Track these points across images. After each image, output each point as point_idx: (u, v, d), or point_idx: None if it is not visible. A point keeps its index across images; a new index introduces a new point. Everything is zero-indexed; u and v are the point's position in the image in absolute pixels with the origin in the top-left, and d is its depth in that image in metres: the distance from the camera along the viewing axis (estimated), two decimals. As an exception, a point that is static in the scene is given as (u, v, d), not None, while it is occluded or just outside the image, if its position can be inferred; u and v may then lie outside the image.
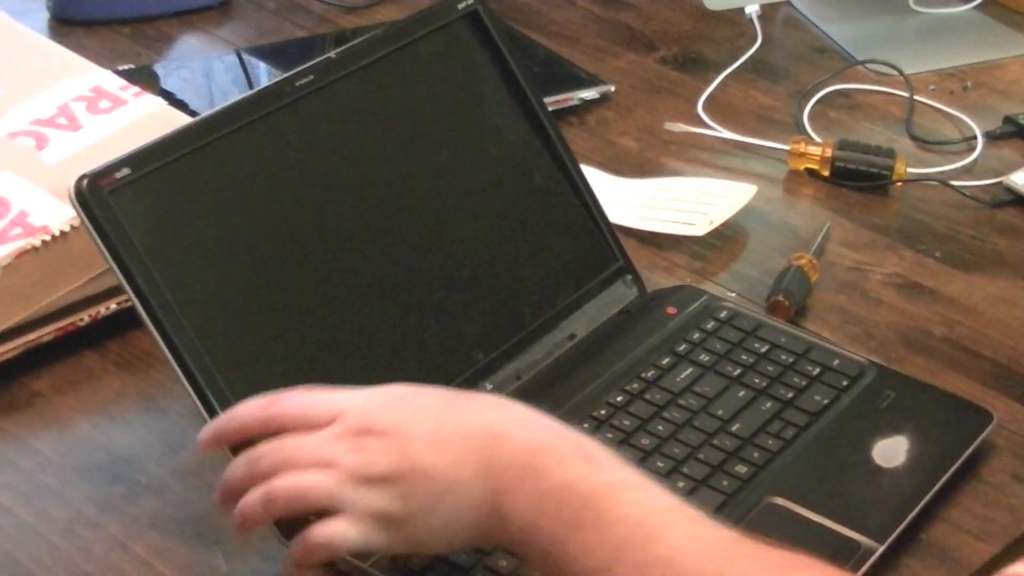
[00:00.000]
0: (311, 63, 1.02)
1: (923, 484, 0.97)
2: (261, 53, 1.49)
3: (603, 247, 1.13)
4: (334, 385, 0.87)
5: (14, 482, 0.99)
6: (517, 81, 1.11)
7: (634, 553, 0.73)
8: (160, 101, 1.20)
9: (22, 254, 1.05)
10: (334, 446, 0.80)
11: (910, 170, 1.33)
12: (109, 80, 1.22)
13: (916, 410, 1.03)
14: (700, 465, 0.98)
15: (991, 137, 1.40)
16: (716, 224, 1.23)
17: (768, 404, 1.03)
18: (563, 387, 1.04)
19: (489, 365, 1.03)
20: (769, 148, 1.36)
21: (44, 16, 1.54)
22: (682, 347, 1.07)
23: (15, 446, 1.02)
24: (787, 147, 1.35)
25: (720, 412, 1.02)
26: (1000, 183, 1.33)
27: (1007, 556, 0.93)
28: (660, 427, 1.00)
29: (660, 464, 0.97)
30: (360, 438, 0.80)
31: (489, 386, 1.03)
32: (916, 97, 1.45)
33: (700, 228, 1.22)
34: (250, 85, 1.43)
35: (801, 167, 1.34)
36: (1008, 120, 1.41)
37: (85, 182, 0.90)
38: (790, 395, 1.04)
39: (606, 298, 1.11)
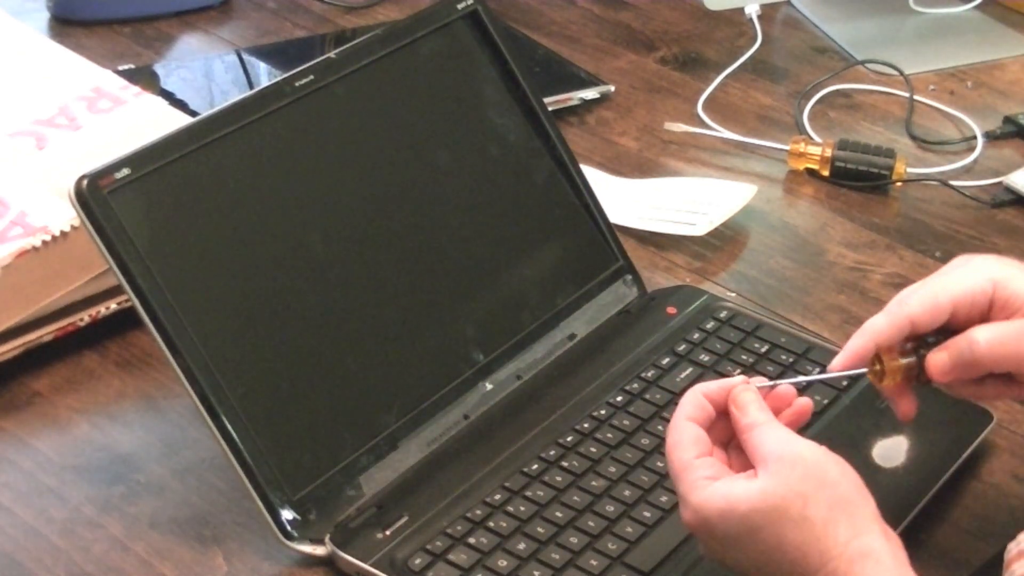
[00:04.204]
0: (311, 63, 1.02)
1: (923, 484, 0.97)
2: (261, 53, 1.49)
3: (603, 247, 1.13)
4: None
5: (14, 482, 0.99)
6: (517, 81, 1.11)
7: None
8: (160, 101, 1.20)
9: (22, 254, 1.05)
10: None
11: (910, 170, 1.33)
12: (109, 80, 1.22)
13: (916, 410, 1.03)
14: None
15: (991, 137, 1.40)
16: (716, 224, 1.23)
17: (768, 404, 1.03)
18: (563, 387, 1.04)
19: (489, 365, 1.03)
20: (769, 148, 1.36)
21: (44, 16, 1.54)
22: (682, 347, 1.07)
23: (15, 446, 1.02)
24: (787, 147, 1.35)
25: (720, 412, 1.02)
26: (1000, 183, 1.33)
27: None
28: (660, 427, 1.00)
29: (660, 464, 0.97)
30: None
31: (489, 386, 1.03)
32: (916, 97, 1.45)
33: (700, 228, 1.22)
34: (250, 85, 1.43)
35: (801, 167, 1.34)
36: (1008, 120, 1.41)
37: (85, 182, 0.90)
38: (790, 395, 1.03)
39: (606, 298, 1.11)
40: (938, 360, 0.88)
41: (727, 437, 0.86)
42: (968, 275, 0.89)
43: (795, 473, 0.81)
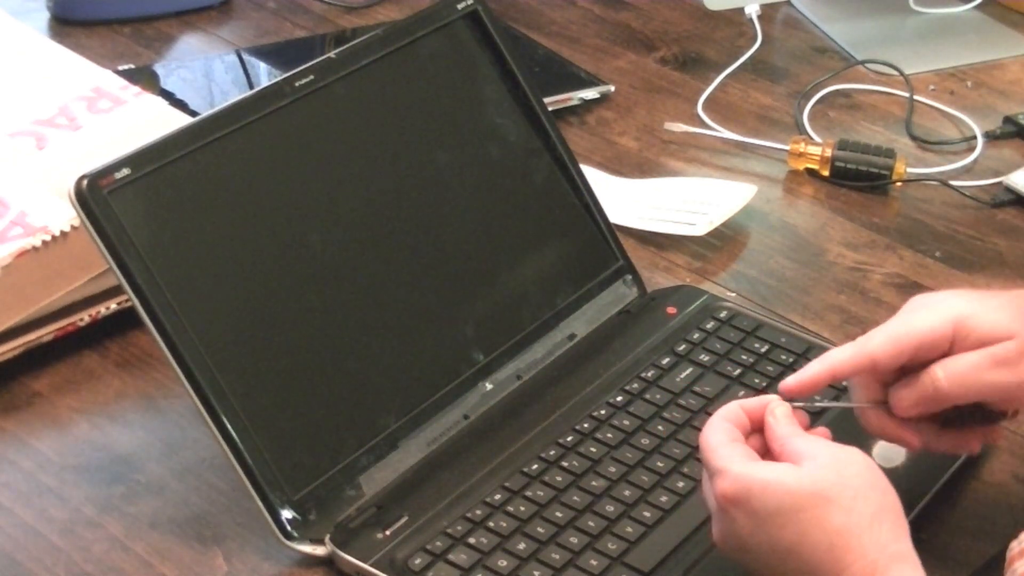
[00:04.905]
0: (311, 63, 1.02)
1: (923, 484, 0.97)
2: (261, 53, 1.49)
3: (603, 247, 1.13)
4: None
5: (14, 482, 0.99)
6: (517, 81, 1.11)
7: None
8: (160, 101, 1.20)
9: (22, 254, 1.05)
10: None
11: (910, 170, 1.33)
12: (109, 80, 1.22)
13: (916, 410, 1.03)
14: (700, 466, 0.97)
15: (991, 137, 1.40)
16: (716, 224, 1.23)
17: (768, 404, 1.03)
18: (563, 387, 1.04)
19: (489, 365, 1.03)
20: (769, 148, 1.36)
21: (44, 16, 1.54)
22: (682, 347, 1.07)
23: (15, 446, 1.02)
24: (787, 147, 1.35)
25: (720, 412, 1.02)
26: (1000, 183, 1.33)
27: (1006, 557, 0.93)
28: (660, 427, 1.00)
29: (660, 464, 0.97)
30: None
31: (489, 386, 1.03)
32: (916, 97, 1.45)
33: (700, 228, 1.22)
34: (250, 85, 1.43)
35: (801, 167, 1.34)
36: (1008, 120, 1.41)
37: (85, 182, 0.90)
38: (790, 395, 1.03)
39: (606, 298, 1.11)
40: (903, 396, 0.90)
41: (759, 453, 0.86)
42: (931, 316, 0.90)
43: (849, 469, 0.82)
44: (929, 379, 0.89)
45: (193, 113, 1.28)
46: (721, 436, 0.85)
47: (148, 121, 1.16)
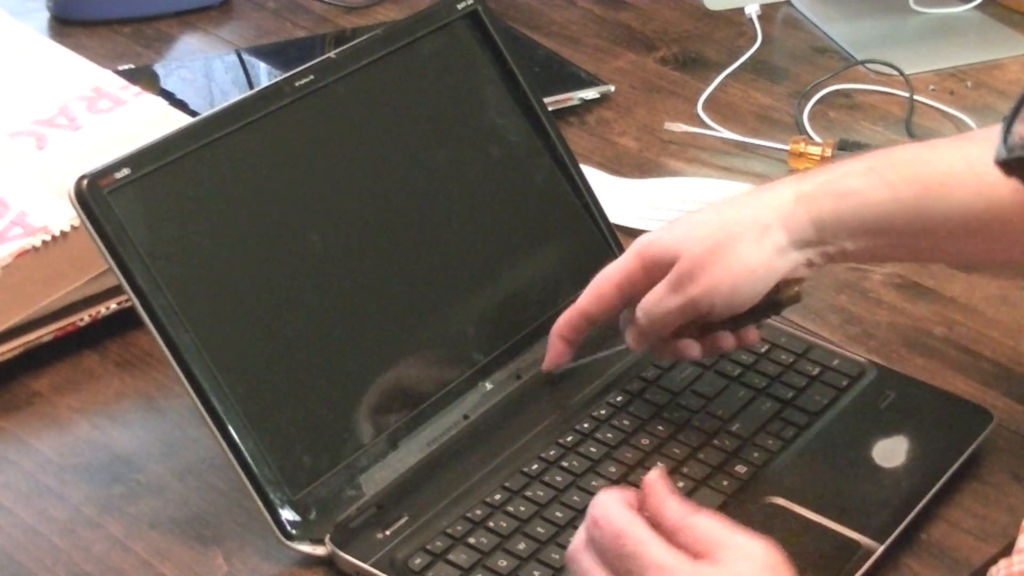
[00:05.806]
0: (311, 63, 1.02)
1: (923, 484, 0.97)
2: (261, 53, 1.49)
3: (603, 247, 1.13)
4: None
5: (14, 482, 0.99)
6: (517, 81, 1.11)
7: None
8: (160, 101, 1.20)
9: (22, 254, 1.05)
10: None
11: (910, 170, 1.33)
12: (109, 80, 1.22)
13: (916, 410, 1.03)
14: (700, 465, 0.98)
15: (991, 137, 1.40)
16: (716, 224, 1.23)
17: (768, 404, 1.03)
18: (563, 387, 1.04)
19: (489, 365, 1.03)
20: (769, 148, 1.36)
21: (44, 16, 1.54)
22: (682, 347, 1.07)
23: (15, 446, 1.02)
24: (787, 147, 1.35)
25: (720, 412, 1.02)
26: (1000, 183, 1.33)
27: (1005, 557, 0.93)
28: (660, 427, 1.00)
29: (660, 465, 0.97)
30: None
31: (489, 386, 1.03)
32: (916, 97, 1.45)
33: (700, 228, 1.22)
34: (250, 85, 1.43)
35: (801, 167, 1.34)
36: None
37: (85, 182, 0.90)
38: (790, 395, 1.04)
39: (606, 298, 1.11)
40: (630, 333, 0.98)
41: None
42: (623, 256, 0.97)
43: (757, 563, 0.78)
44: (636, 318, 0.96)
45: (193, 113, 1.28)
46: (645, 531, 0.79)
47: (148, 121, 1.16)
